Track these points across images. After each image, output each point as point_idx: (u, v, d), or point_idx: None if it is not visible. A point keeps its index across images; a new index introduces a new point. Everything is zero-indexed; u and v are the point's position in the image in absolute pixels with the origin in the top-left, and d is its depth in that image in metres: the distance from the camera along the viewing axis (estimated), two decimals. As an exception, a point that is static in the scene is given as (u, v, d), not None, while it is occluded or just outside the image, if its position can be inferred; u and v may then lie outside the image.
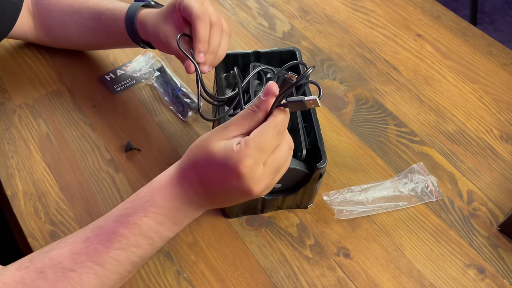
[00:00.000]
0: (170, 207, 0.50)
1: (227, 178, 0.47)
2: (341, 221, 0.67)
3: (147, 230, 0.49)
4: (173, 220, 0.51)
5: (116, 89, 0.80)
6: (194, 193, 0.50)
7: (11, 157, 0.72)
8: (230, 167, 0.46)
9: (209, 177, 0.49)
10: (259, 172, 0.47)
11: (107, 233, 0.49)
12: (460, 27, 0.94)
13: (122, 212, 0.50)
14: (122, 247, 0.49)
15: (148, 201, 0.50)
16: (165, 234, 0.51)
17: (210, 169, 0.48)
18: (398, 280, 0.62)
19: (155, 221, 0.50)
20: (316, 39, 0.91)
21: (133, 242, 0.49)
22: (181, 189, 0.50)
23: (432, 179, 0.71)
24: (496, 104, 0.82)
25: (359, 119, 0.79)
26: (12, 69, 0.83)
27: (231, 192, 0.49)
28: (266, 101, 0.47)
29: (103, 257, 0.48)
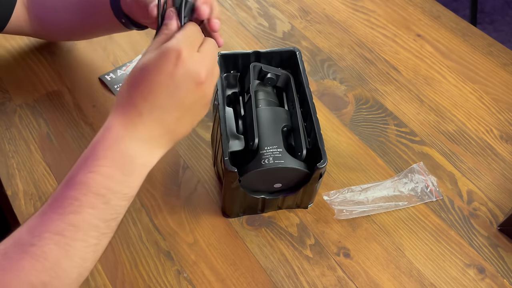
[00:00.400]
0: (114, 155, 0.46)
1: (167, 67, 0.46)
2: (341, 221, 0.67)
3: (96, 187, 0.46)
4: (121, 170, 0.47)
5: (117, 89, 0.81)
6: (139, 121, 0.47)
7: (12, 157, 0.72)
8: (165, 54, 0.46)
9: (150, 83, 0.46)
10: (196, 56, 0.48)
11: (58, 199, 0.46)
12: (460, 27, 0.94)
13: (69, 174, 0.47)
14: (76, 210, 0.46)
15: (89, 156, 0.47)
16: (118, 189, 0.47)
17: (147, 74, 0.46)
18: (398, 279, 0.62)
19: (102, 175, 0.46)
20: (316, 39, 0.91)
21: (85, 203, 0.46)
22: (122, 126, 0.47)
23: (432, 179, 0.71)
24: (496, 104, 0.82)
25: (359, 119, 0.79)
26: (13, 69, 0.83)
27: (181, 91, 0.47)
28: (171, 22, 0.50)
29: (59, 224, 0.45)
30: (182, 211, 0.67)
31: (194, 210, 0.67)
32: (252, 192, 0.63)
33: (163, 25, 0.50)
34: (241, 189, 0.61)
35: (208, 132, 0.76)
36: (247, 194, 0.62)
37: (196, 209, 0.68)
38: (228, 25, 0.92)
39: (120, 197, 0.48)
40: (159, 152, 0.50)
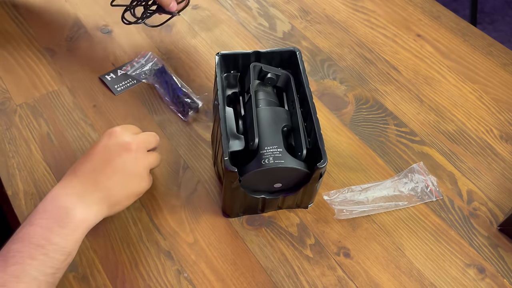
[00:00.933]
0: (51, 208, 0.52)
1: (102, 142, 0.59)
2: (341, 220, 0.67)
3: (36, 238, 0.50)
4: (58, 222, 0.51)
5: (117, 89, 0.81)
6: (75, 178, 0.55)
7: (12, 157, 0.72)
8: (103, 136, 0.61)
9: (88, 154, 0.58)
10: (128, 133, 0.61)
11: (4, 253, 0.50)
12: (460, 27, 0.94)
13: (16, 231, 0.52)
14: (17, 261, 0.48)
15: (32, 213, 0.52)
16: (55, 240, 0.51)
17: (87, 151, 0.59)
18: (398, 279, 0.63)
19: (41, 226, 0.51)
20: (316, 39, 0.91)
21: (26, 254, 0.49)
22: (59, 187, 0.55)
23: (432, 179, 0.71)
24: (496, 104, 0.82)
25: (359, 119, 0.79)
26: (13, 69, 0.83)
27: (112, 155, 0.57)
28: None
29: (2, 276, 0.48)
30: (182, 211, 0.67)
31: (194, 210, 0.67)
32: (252, 192, 0.63)
33: None
34: (241, 189, 0.61)
35: (208, 132, 0.76)
36: (247, 194, 0.62)
37: (196, 209, 0.68)
38: (228, 25, 0.92)
39: (58, 250, 0.51)
40: (95, 209, 0.55)
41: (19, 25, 0.90)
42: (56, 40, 0.87)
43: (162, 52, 0.87)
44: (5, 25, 0.89)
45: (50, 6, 0.93)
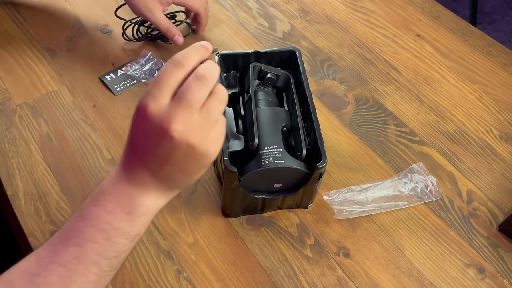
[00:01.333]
0: (117, 192, 0.47)
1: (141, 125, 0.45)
2: (341, 220, 0.67)
3: (99, 221, 0.46)
4: (122, 208, 0.47)
5: (117, 89, 0.81)
6: (131, 165, 0.47)
7: (12, 157, 0.72)
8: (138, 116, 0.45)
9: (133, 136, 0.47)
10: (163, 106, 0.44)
11: (66, 230, 0.47)
12: (459, 27, 0.94)
13: (80, 207, 0.48)
14: (79, 243, 0.46)
15: (98, 191, 0.48)
16: (119, 225, 0.47)
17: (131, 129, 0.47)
18: (398, 279, 0.63)
19: (105, 209, 0.47)
20: (316, 39, 0.91)
21: (88, 236, 0.46)
22: (122, 170, 0.48)
23: (431, 179, 0.71)
24: (496, 104, 0.82)
25: (359, 119, 0.79)
26: (13, 69, 0.83)
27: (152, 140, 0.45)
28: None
29: (63, 256, 0.46)
30: (182, 211, 0.67)
31: (194, 210, 0.68)
32: (252, 192, 0.63)
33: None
34: (241, 189, 0.61)
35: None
36: (247, 194, 0.62)
37: (196, 209, 0.68)
38: (228, 25, 0.92)
39: (122, 234, 0.48)
40: (159, 196, 0.49)
41: (19, 25, 0.90)
42: (56, 40, 0.87)
43: (161, 52, 0.87)
44: (5, 25, 0.89)
45: (50, 6, 0.93)
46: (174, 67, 0.45)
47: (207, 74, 0.45)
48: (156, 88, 0.44)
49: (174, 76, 0.45)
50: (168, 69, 0.45)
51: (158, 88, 0.44)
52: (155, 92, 0.44)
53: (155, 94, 0.44)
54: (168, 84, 0.44)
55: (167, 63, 0.45)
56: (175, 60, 0.45)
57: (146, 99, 0.44)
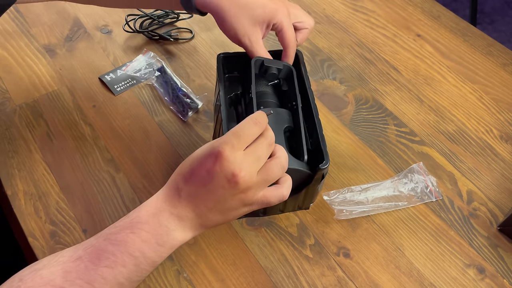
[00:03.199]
0: (154, 222, 0.50)
1: (209, 166, 0.49)
2: (341, 221, 0.67)
3: (132, 249, 0.49)
4: (156, 239, 0.50)
5: (116, 89, 0.81)
6: (177, 200, 0.50)
7: (12, 157, 0.72)
8: (209, 152, 0.49)
9: (193, 172, 0.50)
10: (239, 155, 0.49)
11: (97, 250, 0.50)
12: (460, 27, 0.94)
13: (112, 230, 0.51)
14: (110, 265, 0.49)
15: (135, 218, 0.51)
16: (149, 255, 0.50)
17: (193, 163, 0.50)
18: (398, 280, 0.62)
19: (140, 238, 0.50)
20: (316, 39, 0.91)
21: (120, 261, 0.49)
22: (164, 200, 0.51)
23: (431, 179, 0.71)
24: (496, 104, 0.82)
25: (359, 119, 0.79)
26: (12, 69, 0.83)
27: (215, 185, 0.49)
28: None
29: (92, 274, 0.48)
30: (182, 211, 0.67)
31: (194, 210, 0.67)
32: None
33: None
34: (242, 190, 0.60)
35: (208, 132, 0.76)
36: (248, 195, 0.62)
37: (196, 209, 0.68)
38: (228, 25, 0.92)
39: (150, 263, 0.51)
40: (190, 232, 0.52)
41: (19, 25, 0.90)
42: (56, 40, 0.87)
43: (161, 52, 0.87)
44: (5, 25, 0.89)
45: (50, 6, 0.93)
46: (254, 124, 0.51)
47: (273, 143, 0.53)
48: (235, 138, 0.49)
49: (252, 132, 0.50)
50: (249, 124, 0.50)
51: (237, 139, 0.49)
52: (234, 142, 0.49)
53: (233, 143, 0.49)
54: (246, 138, 0.50)
55: (247, 118, 0.51)
56: (255, 119, 0.51)
57: (225, 145, 0.49)
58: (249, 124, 0.50)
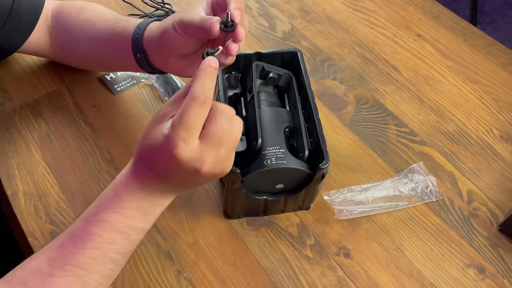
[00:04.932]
0: (134, 199, 0.50)
1: (168, 163, 0.48)
2: (341, 221, 0.67)
3: (119, 226, 0.50)
4: (142, 211, 0.51)
5: (117, 89, 0.81)
6: (150, 181, 0.50)
7: (12, 157, 0.72)
8: (165, 153, 0.47)
9: (155, 165, 0.49)
10: (194, 150, 0.46)
11: (80, 234, 0.50)
12: (460, 27, 0.94)
13: (91, 212, 0.51)
14: (97, 246, 0.49)
15: (113, 197, 0.51)
16: (138, 226, 0.52)
17: (152, 157, 0.49)
18: (398, 279, 0.62)
19: (124, 215, 0.50)
20: (316, 39, 0.91)
21: (107, 239, 0.50)
22: (138, 180, 0.51)
23: (432, 179, 0.71)
24: (496, 104, 0.82)
25: (359, 119, 0.79)
26: (13, 69, 0.83)
27: (182, 175, 0.49)
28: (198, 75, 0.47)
29: (80, 258, 0.49)
30: (182, 211, 0.67)
31: (194, 210, 0.67)
32: (254, 193, 0.62)
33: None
34: (243, 190, 0.60)
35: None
36: (249, 195, 0.62)
37: (196, 209, 0.68)
38: (228, 25, 0.92)
39: (140, 232, 0.53)
40: (170, 196, 0.54)
41: (19, 25, 0.89)
42: (56, 40, 0.87)
43: (162, 52, 0.87)
44: (5, 25, 0.89)
45: (50, 6, 0.93)
46: (199, 107, 0.46)
47: (229, 110, 0.49)
48: (185, 131, 0.46)
49: (201, 116, 0.46)
50: (194, 109, 0.46)
51: (187, 131, 0.46)
52: (184, 135, 0.46)
53: (185, 137, 0.46)
54: (197, 126, 0.46)
55: (190, 101, 0.46)
56: (199, 99, 0.46)
57: (177, 142, 0.46)
58: (194, 109, 0.46)
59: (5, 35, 0.71)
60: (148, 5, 0.89)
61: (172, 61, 0.63)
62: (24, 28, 0.73)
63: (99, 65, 0.78)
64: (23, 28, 0.73)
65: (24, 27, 0.73)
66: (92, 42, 0.71)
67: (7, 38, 0.72)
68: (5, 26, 0.70)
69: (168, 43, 0.60)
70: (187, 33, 0.58)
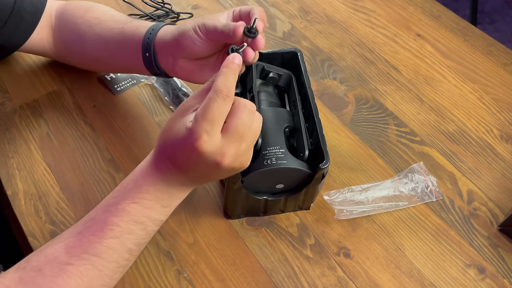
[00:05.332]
0: (154, 190, 0.51)
1: (190, 156, 0.48)
2: (341, 221, 0.67)
3: (137, 216, 0.51)
4: (160, 203, 0.52)
5: (117, 89, 0.81)
6: (171, 174, 0.51)
7: (12, 157, 0.72)
8: (188, 146, 0.48)
9: (177, 157, 0.50)
10: (217, 143, 0.48)
11: (98, 223, 0.50)
12: (460, 27, 0.94)
13: (110, 201, 0.52)
14: (116, 235, 0.50)
15: (132, 188, 0.51)
16: (156, 217, 0.53)
17: (175, 149, 0.50)
18: (399, 280, 0.62)
19: (143, 206, 0.51)
20: (316, 39, 0.91)
21: (125, 229, 0.50)
22: (159, 173, 0.52)
23: (432, 179, 0.71)
24: (496, 104, 0.82)
25: (359, 119, 0.79)
26: (13, 69, 0.83)
27: (202, 168, 0.50)
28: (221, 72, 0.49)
29: (97, 247, 0.49)
30: (182, 211, 0.67)
31: (194, 210, 0.67)
32: (254, 194, 0.62)
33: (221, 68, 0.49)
34: (244, 190, 0.60)
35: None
36: (249, 195, 0.62)
37: (196, 209, 0.68)
38: (228, 25, 0.92)
39: (157, 223, 0.54)
40: (188, 189, 0.56)
41: (19, 25, 0.89)
42: (56, 40, 0.87)
43: (162, 52, 0.87)
44: (5, 25, 0.89)
45: (50, 6, 0.93)
46: (223, 101, 0.47)
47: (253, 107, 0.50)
48: (208, 124, 0.47)
49: (224, 110, 0.48)
50: (218, 103, 0.47)
51: (210, 124, 0.47)
52: (208, 128, 0.47)
53: (208, 130, 0.47)
54: (220, 119, 0.47)
55: (214, 95, 0.47)
56: (222, 93, 0.47)
57: (200, 134, 0.47)
58: (217, 103, 0.47)
59: (6, 34, 0.71)
60: (148, 5, 0.89)
61: (181, 62, 0.63)
62: (25, 27, 0.73)
63: (102, 64, 0.77)
64: (25, 27, 0.73)
65: (26, 26, 0.73)
66: (99, 39, 0.71)
67: (8, 37, 0.72)
68: (6, 25, 0.70)
69: (184, 44, 0.61)
70: (208, 36, 0.59)
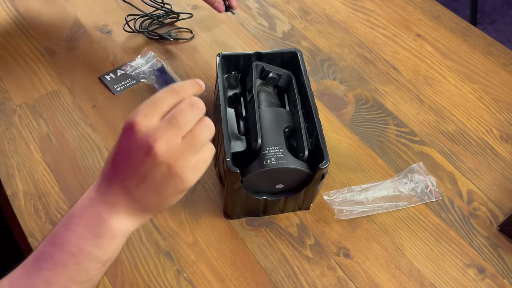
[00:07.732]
0: (87, 215, 0.47)
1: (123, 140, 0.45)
2: (341, 221, 0.67)
3: (69, 245, 0.46)
4: (92, 232, 0.47)
5: (116, 89, 0.81)
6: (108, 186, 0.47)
7: (12, 157, 0.72)
8: (124, 130, 0.45)
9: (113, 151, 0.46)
10: (153, 123, 0.44)
11: (39, 254, 0.47)
12: (460, 27, 0.94)
13: (53, 230, 0.48)
14: (50, 267, 0.46)
15: (69, 214, 0.48)
16: (88, 249, 0.47)
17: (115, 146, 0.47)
18: (398, 280, 0.62)
19: (75, 233, 0.46)
20: (316, 39, 0.91)
21: (58, 261, 0.46)
22: (96, 190, 0.47)
23: (431, 179, 0.71)
24: (496, 104, 0.82)
25: (359, 119, 0.79)
26: (12, 69, 0.83)
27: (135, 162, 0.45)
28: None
29: (35, 279, 0.46)
30: (182, 211, 0.67)
31: (194, 210, 0.67)
32: (254, 194, 0.63)
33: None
34: (243, 190, 0.60)
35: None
36: (249, 195, 0.62)
37: (196, 209, 0.68)
38: (228, 25, 0.92)
39: (92, 258, 0.47)
40: (131, 218, 0.48)
41: (19, 25, 0.90)
42: (56, 40, 0.87)
43: (161, 52, 0.87)
44: (5, 25, 0.89)
45: (50, 6, 0.93)
46: (169, 92, 0.46)
47: (199, 103, 0.47)
48: (148, 107, 0.45)
49: (167, 100, 0.46)
50: (163, 93, 0.46)
51: (150, 107, 0.45)
52: (146, 110, 0.45)
53: (146, 112, 0.45)
54: (161, 105, 0.46)
55: (164, 89, 0.47)
56: (172, 87, 0.47)
57: (136, 115, 0.45)
58: (165, 93, 0.46)
59: None
60: (148, 5, 0.89)
61: None
62: None
63: None
64: None
65: None
66: None
67: None
68: None
69: None
70: None
